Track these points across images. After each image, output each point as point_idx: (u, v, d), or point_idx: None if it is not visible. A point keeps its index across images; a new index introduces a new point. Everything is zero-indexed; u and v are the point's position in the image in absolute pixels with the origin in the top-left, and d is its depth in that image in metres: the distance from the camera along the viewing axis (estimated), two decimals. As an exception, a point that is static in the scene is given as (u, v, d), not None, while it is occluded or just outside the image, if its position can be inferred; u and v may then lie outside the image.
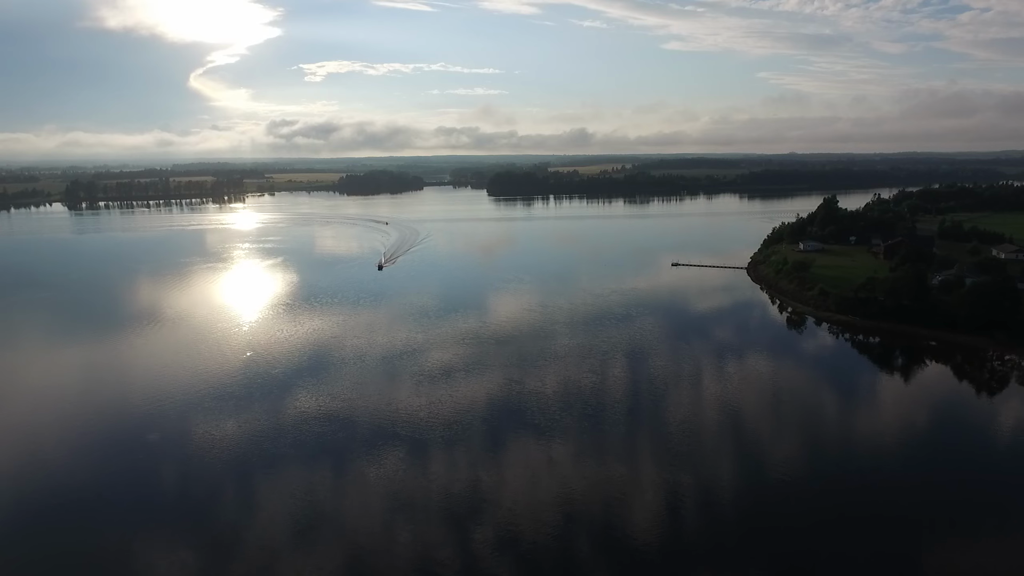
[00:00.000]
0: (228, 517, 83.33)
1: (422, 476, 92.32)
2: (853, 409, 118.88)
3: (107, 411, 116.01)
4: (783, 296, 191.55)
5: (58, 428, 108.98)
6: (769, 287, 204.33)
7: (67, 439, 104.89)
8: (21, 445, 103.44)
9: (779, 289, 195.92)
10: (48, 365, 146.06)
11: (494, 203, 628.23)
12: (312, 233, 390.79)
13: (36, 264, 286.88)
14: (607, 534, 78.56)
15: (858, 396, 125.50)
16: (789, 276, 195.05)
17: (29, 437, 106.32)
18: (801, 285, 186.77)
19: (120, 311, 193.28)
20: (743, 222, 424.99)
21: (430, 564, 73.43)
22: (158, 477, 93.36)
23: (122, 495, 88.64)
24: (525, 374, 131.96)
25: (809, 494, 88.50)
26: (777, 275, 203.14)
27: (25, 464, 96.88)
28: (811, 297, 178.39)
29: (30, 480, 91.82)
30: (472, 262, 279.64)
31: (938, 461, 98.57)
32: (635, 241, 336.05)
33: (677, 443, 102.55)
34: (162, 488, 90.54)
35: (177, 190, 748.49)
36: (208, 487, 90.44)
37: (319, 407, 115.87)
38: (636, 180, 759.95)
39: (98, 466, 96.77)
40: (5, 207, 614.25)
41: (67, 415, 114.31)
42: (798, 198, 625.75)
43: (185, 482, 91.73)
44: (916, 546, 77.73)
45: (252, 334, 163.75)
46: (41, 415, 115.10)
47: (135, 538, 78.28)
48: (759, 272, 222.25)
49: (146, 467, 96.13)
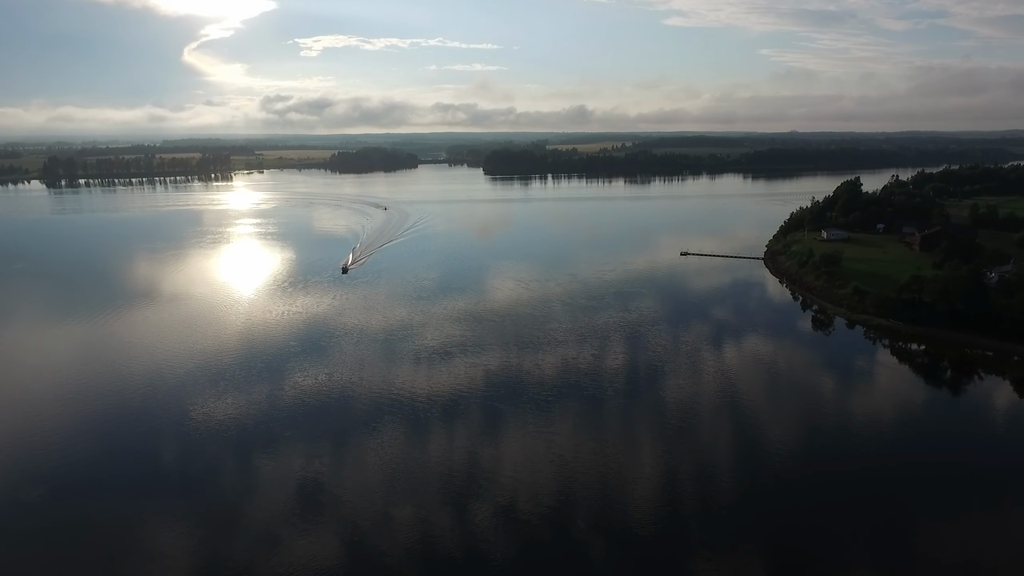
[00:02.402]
0: (227, 493, 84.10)
1: (421, 453, 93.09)
2: (902, 432, 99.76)
3: (105, 388, 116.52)
4: (809, 293, 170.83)
5: (58, 405, 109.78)
6: (791, 282, 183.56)
7: (66, 416, 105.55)
8: (21, 422, 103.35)
9: (804, 285, 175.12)
10: (45, 345, 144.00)
11: (490, 182, 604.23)
12: (303, 217, 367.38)
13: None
14: (605, 511, 79.10)
15: (908, 416, 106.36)
16: (816, 270, 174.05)
17: (29, 414, 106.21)
18: (831, 282, 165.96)
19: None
20: (751, 205, 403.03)
21: (429, 539, 74.24)
22: (157, 454, 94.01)
23: (121, 472, 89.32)
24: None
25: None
26: (801, 269, 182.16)
27: (26, 441, 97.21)
28: (844, 296, 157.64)
29: (31, 457, 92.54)
30: (463, 265, 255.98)
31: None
32: (640, 227, 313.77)
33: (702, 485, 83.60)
34: (161, 464, 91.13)
35: (161, 167, 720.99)
36: (206, 463, 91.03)
37: (317, 385, 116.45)
38: (637, 159, 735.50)
39: (97, 443, 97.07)
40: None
41: (66, 392, 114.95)
42: (804, 178, 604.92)
43: (184, 458, 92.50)
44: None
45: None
46: (41, 392, 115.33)
47: (135, 514, 79.14)
48: (779, 264, 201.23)
49: (145, 444, 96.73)
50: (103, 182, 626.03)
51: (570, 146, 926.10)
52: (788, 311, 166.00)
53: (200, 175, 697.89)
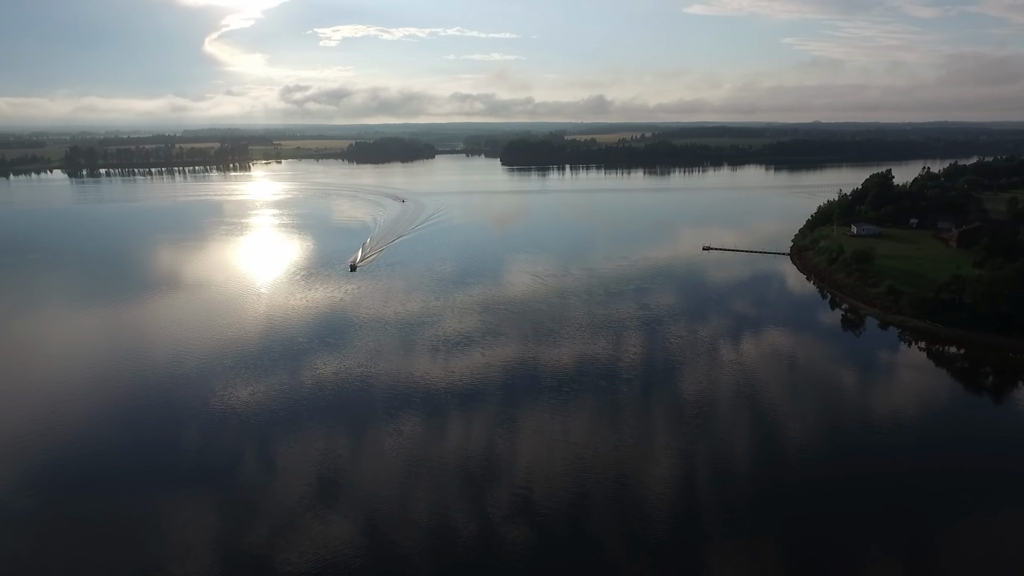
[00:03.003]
0: (248, 478, 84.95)
1: (438, 441, 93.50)
2: (937, 436, 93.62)
3: (128, 374, 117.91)
4: (839, 292, 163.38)
5: (83, 391, 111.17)
6: (819, 279, 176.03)
7: (91, 401, 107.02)
8: (48, 408, 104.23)
9: (834, 283, 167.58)
10: (70, 331, 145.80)
11: (507, 173, 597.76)
12: (319, 208, 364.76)
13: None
14: (620, 502, 78.64)
15: (944, 421, 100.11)
16: (847, 268, 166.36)
17: (56, 400, 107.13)
18: (863, 280, 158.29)
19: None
20: (775, 197, 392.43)
21: (445, 527, 74.35)
22: (179, 439, 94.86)
23: (145, 457, 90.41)
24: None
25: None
26: (831, 265, 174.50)
27: (52, 426, 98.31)
28: (877, 295, 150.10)
29: (57, 443, 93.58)
30: (480, 258, 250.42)
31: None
32: (659, 220, 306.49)
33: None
34: (183, 449, 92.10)
35: (179, 157, 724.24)
36: (227, 449, 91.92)
37: (335, 373, 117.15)
38: (657, 149, 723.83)
39: (121, 428, 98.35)
40: (4, 174, 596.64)
41: (91, 378, 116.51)
42: (828, 170, 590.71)
43: (205, 443, 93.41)
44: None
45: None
46: (66, 379, 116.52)
47: (157, 498, 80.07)
48: (806, 260, 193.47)
49: (167, 429, 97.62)
50: (123, 172, 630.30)
51: (589, 136, 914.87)
52: (816, 310, 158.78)
53: (218, 165, 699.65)
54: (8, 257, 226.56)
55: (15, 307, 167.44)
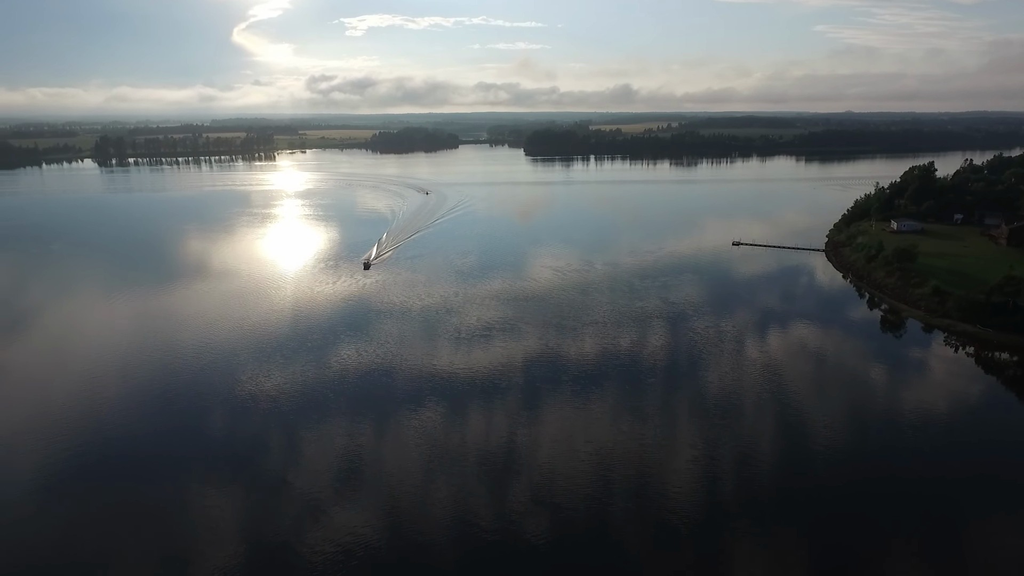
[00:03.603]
0: (273, 462, 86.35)
1: (459, 430, 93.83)
2: (983, 444, 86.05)
3: (161, 360, 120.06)
4: (878, 292, 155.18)
5: (116, 376, 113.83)
6: (857, 277, 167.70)
7: (124, 387, 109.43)
8: (84, 393, 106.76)
9: (873, 282, 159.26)
10: (106, 317, 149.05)
11: (531, 163, 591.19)
12: (343, 199, 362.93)
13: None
14: (641, 496, 77.93)
15: (994, 428, 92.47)
16: (887, 266, 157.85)
17: (91, 386, 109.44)
18: (905, 280, 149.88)
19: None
20: (806, 190, 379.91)
21: (465, 515, 74.73)
22: (207, 423, 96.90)
23: (174, 441, 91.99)
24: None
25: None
26: (869, 263, 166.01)
27: (87, 411, 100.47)
28: (921, 297, 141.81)
29: (91, 426, 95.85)
30: (503, 253, 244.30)
31: None
32: (687, 213, 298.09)
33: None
34: (211, 433, 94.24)
35: (206, 147, 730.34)
36: (253, 433, 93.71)
37: (358, 361, 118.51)
38: (684, 140, 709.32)
39: (152, 413, 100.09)
40: (37, 162, 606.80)
41: (125, 363, 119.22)
42: (861, 161, 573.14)
43: (232, 428, 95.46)
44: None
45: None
46: (101, 363, 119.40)
47: (187, 483, 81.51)
48: (842, 257, 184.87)
49: (196, 415, 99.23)
50: (151, 161, 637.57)
51: (614, 126, 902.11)
52: (853, 310, 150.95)
53: (244, 154, 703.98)
54: (32, 246, 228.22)
55: (39, 297, 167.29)
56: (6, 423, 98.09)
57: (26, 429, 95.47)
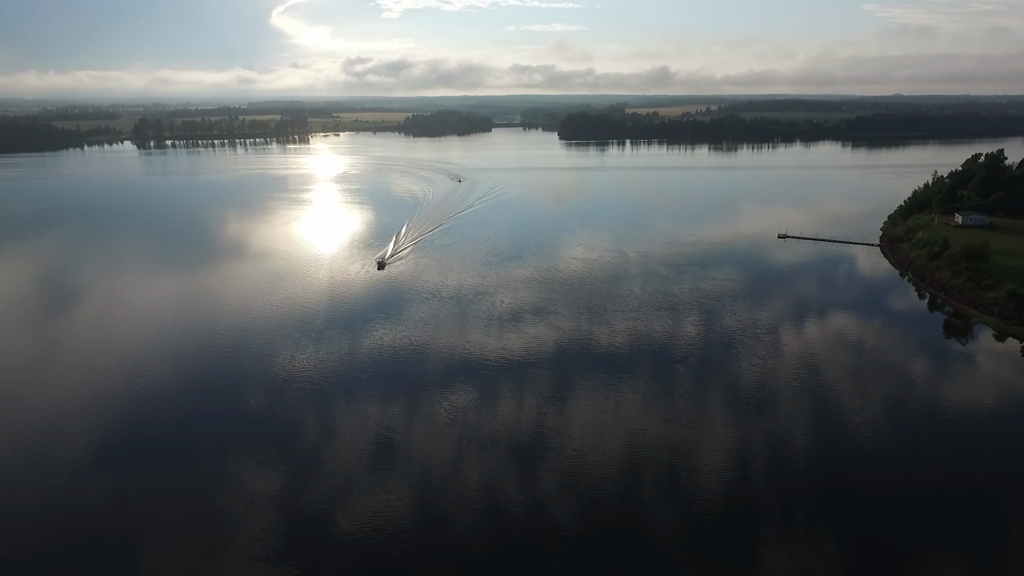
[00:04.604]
0: (308, 439, 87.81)
1: (490, 412, 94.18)
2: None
3: (200, 338, 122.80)
4: (942, 293, 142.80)
5: (159, 352, 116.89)
6: (918, 277, 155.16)
7: (167, 362, 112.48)
8: (129, 369, 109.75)
9: (937, 282, 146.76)
10: (150, 294, 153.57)
11: (565, 147, 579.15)
12: (376, 184, 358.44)
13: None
14: (671, 485, 77.17)
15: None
16: (954, 266, 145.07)
17: (135, 361, 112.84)
18: (975, 281, 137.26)
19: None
20: (856, 178, 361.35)
21: (494, 497, 75.11)
22: (245, 400, 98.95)
23: (213, 417, 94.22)
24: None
25: None
26: (932, 262, 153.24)
27: (132, 385, 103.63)
28: (994, 301, 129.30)
29: (135, 401, 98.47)
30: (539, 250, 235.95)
31: None
32: (728, 202, 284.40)
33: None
34: (248, 410, 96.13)
35: (241, 129, 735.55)
36: (289, 410, 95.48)
37: (392, 342, 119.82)
38: (723, 124, 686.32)
39: (194, 390, 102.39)
40: (79, 144, 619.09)
41: (165, 340, 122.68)
42: (912, 147, 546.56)
43: (269, 404, 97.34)
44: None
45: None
46: (145, 339, 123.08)
47: (224, 456, 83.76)
48: (900, 253, 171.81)
49: (235, 392, 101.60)
50: (187, 143, 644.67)
51: (651, 110, 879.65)
52: (912, 313, 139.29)
53: (278, 137, 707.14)
54: (75, 228, 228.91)
55: (85, 276, 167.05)
56: (56, 397, 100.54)
57: (74, 401, 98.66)
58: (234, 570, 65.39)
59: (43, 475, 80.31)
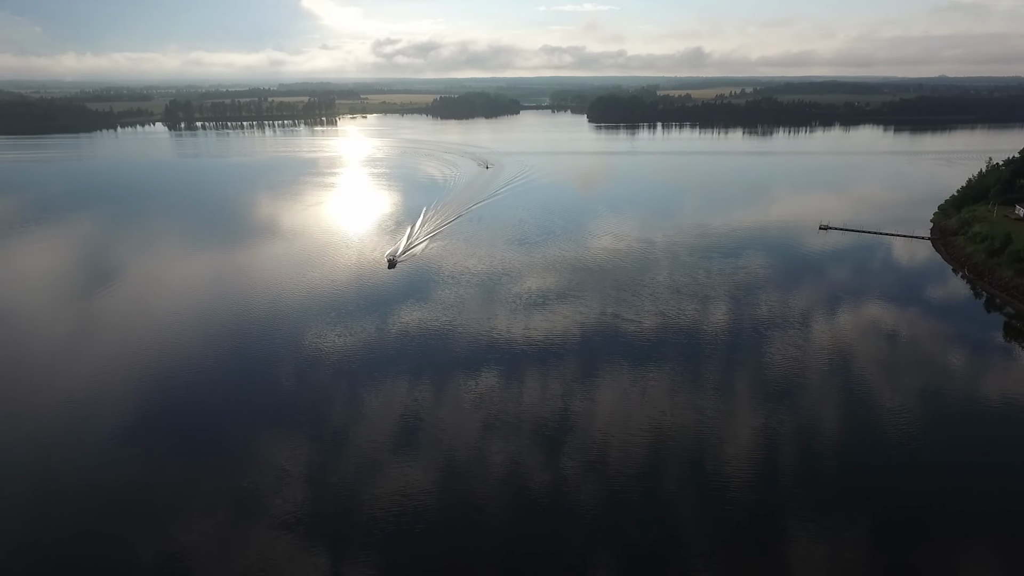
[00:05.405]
0: (336, 418, 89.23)
1: (516, 394, 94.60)
2: None
3: (232, 316, 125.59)
4: (1002, 293, 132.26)
5: (193, 327, 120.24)
6: (975, 274, 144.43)
7: (200, 337, 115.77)
8: (163, 343, 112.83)
9: (997, 281, 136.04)
10: (183, 272, 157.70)
11: (594, 131, 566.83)
12: (405, 165, 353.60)
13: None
14: (696, 471, 76.63)
15: None
16: (1017, 264, 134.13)
17: (171, 338, 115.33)
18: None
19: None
20: (900, 164, 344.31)
21: (519, 478, 75.55)
22: (275, 378, 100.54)
23: (245, 393, 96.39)
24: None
25: None
26: (991, 258, 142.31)
27: (166, 359, 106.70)
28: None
29: (169, 376, 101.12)
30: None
31: None
32: (765, 189, 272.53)
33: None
34: (278, 387, 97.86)
35: (269, 111, 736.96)
36: (318, 388, 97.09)
37: (419, 322, 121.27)
38: (759, 106, 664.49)
39: (226, 365, 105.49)
40: (112, 126, 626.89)
41: (200, 315, 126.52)
42: (959, 132, 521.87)
43: (298, 383, 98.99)
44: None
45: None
46: (180, 316, 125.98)
47: (257, 431, 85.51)
48: (954, 247, 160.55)
49: (265, 369, 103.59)
50: (217, 125, 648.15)
51: (683, 92, 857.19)
52: (968, 314, 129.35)
53: (306, 119, 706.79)
54: (108, 209, 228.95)
55: (122, 255, 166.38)
56: (95, 368, 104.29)
57: (112, 373, 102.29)
58: (264, 541, 66.72)
59: (82, 444, 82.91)
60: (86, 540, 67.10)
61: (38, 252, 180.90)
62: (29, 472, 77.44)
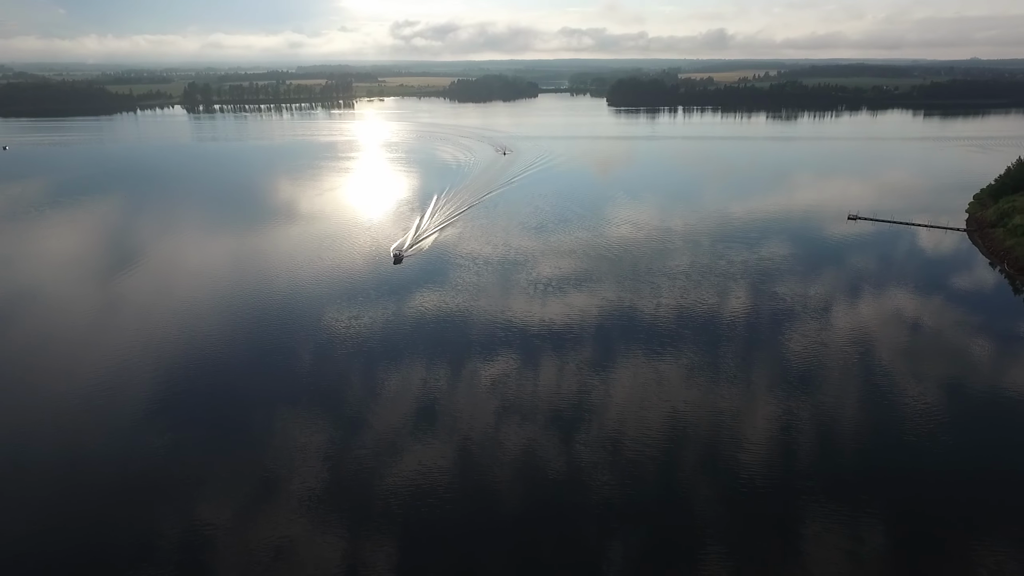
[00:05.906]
0: (354, 399, 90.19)
1: (531, 379, 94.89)
2: None
3: (251, 297, 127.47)
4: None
5: (213, 312, 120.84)
6: (1015, 269, 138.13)
7: (220, 316, 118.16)
8: (185, 328, 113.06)
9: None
10: (203, 253, 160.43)
11: (613, 115, 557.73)
12: (421, 150, 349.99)
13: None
14: (712, 459, 76.31)
15: None
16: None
17: (190, 320, 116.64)
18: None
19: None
20: (932, 151, 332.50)
21: (534, 462, 75.97)
22: (294, 358, 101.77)
23: (264, 374, 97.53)
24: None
25: None
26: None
27: (187, 345, 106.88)
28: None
29: (190, 355, 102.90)
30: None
31: None
32: (790, 176, 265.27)
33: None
34: (299, 369, 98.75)
35: (287, 94, 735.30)
36: (336, 370, 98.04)
37: (435, 306, 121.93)
38: (784, 90, 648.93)
39: (245, 345, 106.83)
40: (131, 108, 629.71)
41: (220, 295, 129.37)
42: (992, 117, 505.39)
43: (317, 363, 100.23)
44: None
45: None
46: (199, 298, 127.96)
47: (276, 411, 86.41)
48: (992, 240, 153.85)
49: (285, 349, 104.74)
50: (235, 108, 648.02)
51: (705, 75, 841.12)
52: (1008, 311, 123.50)
53: (323, 102, 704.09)
54: (132, 192, 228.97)
55: (144, 236, 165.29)
56: (118, 346, 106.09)
57: (134, 354, 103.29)
58: (283, 518, 67.76)
59: (106, 426, 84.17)
60: (111, 522, 68.02)
61: (61, 235, 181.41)
62: (56, 454, 78.31)
